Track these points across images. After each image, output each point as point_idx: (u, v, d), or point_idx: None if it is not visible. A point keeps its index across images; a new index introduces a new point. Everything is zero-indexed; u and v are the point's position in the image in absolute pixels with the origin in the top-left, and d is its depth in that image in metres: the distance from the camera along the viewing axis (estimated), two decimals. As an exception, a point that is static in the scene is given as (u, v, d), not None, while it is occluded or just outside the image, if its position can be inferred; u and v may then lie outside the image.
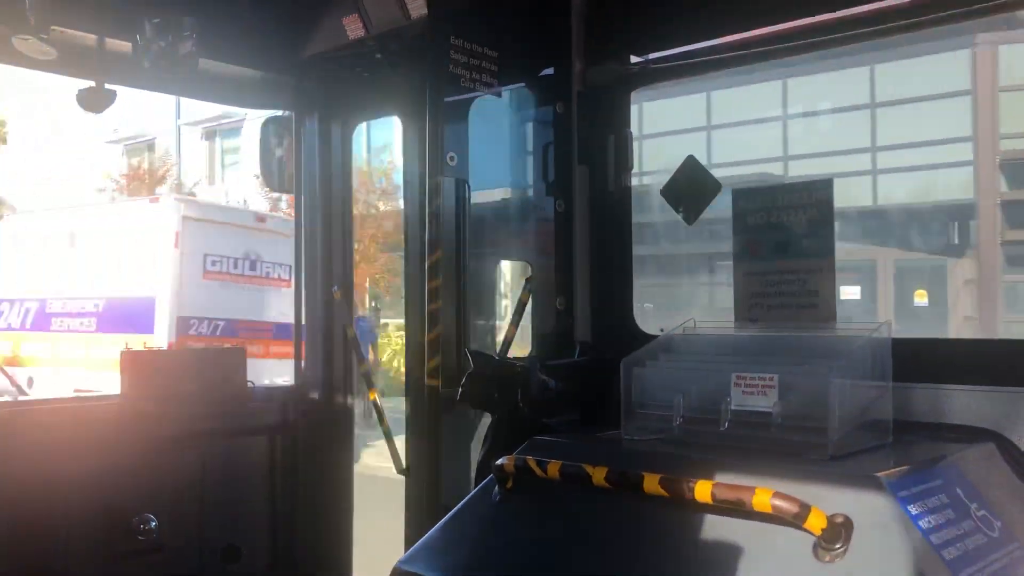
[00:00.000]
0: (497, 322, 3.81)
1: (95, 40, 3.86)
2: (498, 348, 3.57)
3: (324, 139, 4.56)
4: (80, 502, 3.85)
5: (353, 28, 3.89)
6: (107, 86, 4.02)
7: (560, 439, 2.59)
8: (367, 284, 25.48)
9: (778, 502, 1.84)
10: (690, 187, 3.18)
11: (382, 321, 24.24)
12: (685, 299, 23.18)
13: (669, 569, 2.01)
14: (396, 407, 4.87)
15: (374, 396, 4.38)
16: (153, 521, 4.01)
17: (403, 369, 4.77)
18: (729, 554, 1.94)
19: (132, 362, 4.27)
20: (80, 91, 4.05)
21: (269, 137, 4.73)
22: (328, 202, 4.60)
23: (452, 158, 2.98)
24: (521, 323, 3.58)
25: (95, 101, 4.06)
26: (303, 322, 4.63)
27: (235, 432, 4.46)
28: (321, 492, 4.62)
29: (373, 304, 25.94)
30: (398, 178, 23.57)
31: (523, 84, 3.44)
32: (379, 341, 21.78)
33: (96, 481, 3.91)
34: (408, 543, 3.58)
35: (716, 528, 1.98)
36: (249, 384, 4.59)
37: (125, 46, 3.84)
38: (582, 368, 3.20)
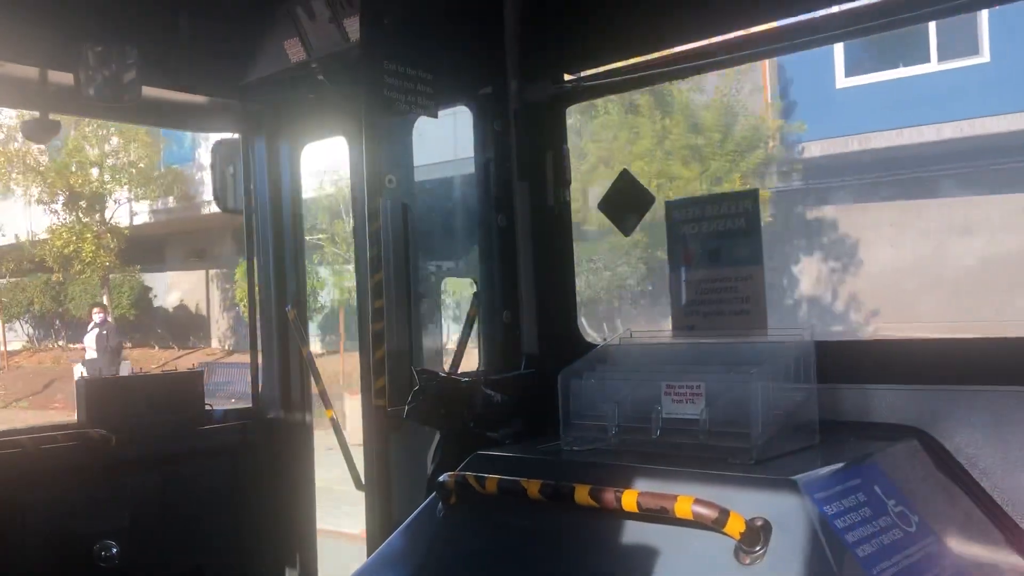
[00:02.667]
0: (444, 338, 3.87)
1: (37, 72, 3.88)
2: (448, 363, 3.63)
3: (273, 160, 4.60)
4: (39, 531, 3.86)
5: (295, 52, 3.94)
6: (51, 116, 4.05)
7: (502, 453, 2.65)
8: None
9: (698, 508, 1.91)
10: (626, 200, 3.27)
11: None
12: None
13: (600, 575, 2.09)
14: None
15: (331, 414, 4.42)
16: (115, 547, 4.02)
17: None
18: (656, 559, 2.02)
19: (90, 389, 4.28)
20: (24, 122, 4.07)
21: (219, 159, 4.76)
22: (279, 222, 4.64)
23: (391, 180, 3.04)
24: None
25: (40, 132, 4.08)
26: (258, 343, 4.66)
27: (195, 455, 4.47)
28: (284, 510, 4.65)
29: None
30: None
31: (462, 104, 3.51)
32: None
33: (55, 509, 3.92)
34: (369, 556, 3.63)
35: (644, 535, 2.05)
36: (207, 406, 4.61)
37: (68, 76, 3.86)
38: (526, 380, 3.27)
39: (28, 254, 29.97)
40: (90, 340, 22.61)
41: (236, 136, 4.72)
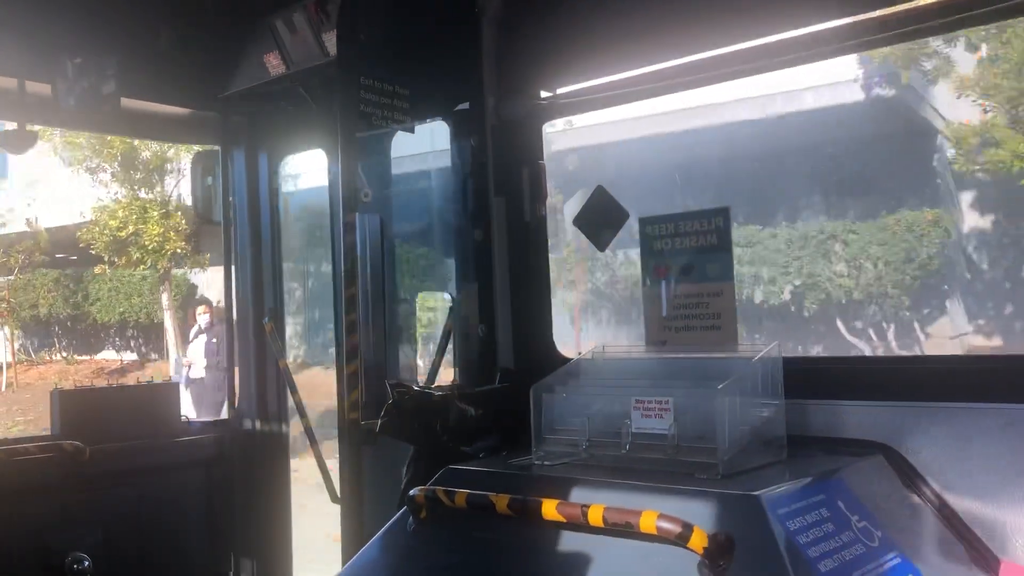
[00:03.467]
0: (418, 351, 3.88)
1: (15, 82, 3.87)
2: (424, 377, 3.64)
3: (252, 172, 4.61)
4: (11, 543, 3.83)
5: (274, 65, 3.96)
6: (29, 127, 4.05)
7: (473, 468, 2.67)
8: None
9: (662, 523, 1.93)
10: (600, 216, 3.29)
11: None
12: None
13: None
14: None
15: (307, 425, 4.42)
16: (87, 560, 3.99)
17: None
18: (622, 574, 2.04)
19: (64, 400, 4.27)
20: (2, 133, 4.06)
21: (198, 171, 4.77)
22: (257, 234, 4.64)
23: (367, 194, 3.06)
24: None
25: (17, 143, 4.08)
26: (235, 354, 4.66)
27: (171, 466, 4.46)
28: (260, 522, 4.64)
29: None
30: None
31: (439, 119, 3.53)
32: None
33: (28, 522, 3.89)
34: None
35: (610, 550, 2.07)
36: (183, 418, 4.60)
37: (46, 87, 3.86)
38: (501, 394, 3.28)
39: (45, 243, 24.27)
40: (196, 352, 16.53)
41: (215, 148, 4.73)
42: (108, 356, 27.79)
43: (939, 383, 2.54)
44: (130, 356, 27.40)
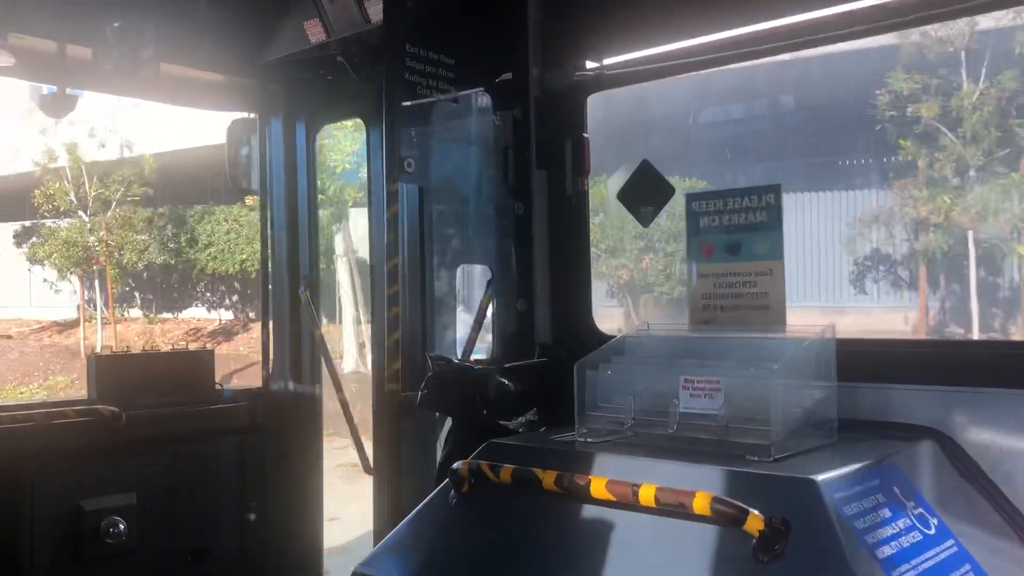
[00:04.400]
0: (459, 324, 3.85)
1: (56, 46, 3.86)
2: (461, 350, 3.61)
3: (289, 141, 4.58)
4: (48, 507, 3.87)
5: (315, 32, 3.92)
6: (69, 91, 4.03)
7: (515, 443, 2.64)
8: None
9: (717, 506, 1.89)
10: (645, 191, 3.24)
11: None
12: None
13: (615, 570, 2.07)
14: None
15: (342, 398, 4.41)
16: (122, 524, 4.03)
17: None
18: (673, 555, 2.00)
19: (101, 365, 4.29)
20: (42, 96, 4.06)
21: (235, 138, 4.75)
22: (294, 203, 4.62)
23: (409, 164, 3.01)
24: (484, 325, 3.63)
25: (58, 106, 4.07)
26: (270, 323, 4.66)
27: (204, 434, 4.48)
28: (290, 492, 4.66)
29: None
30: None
31: (482, 89, 3.48)
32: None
33: (65, 485, 3.93)
34: (376, 543, 3.62)
35: (660, 530, 2.04)
36: (217, 386, 4.61)
37: (86, 51, 3.84)
38: (541, 370, 3.25)
39: (149, 171, 21.08)
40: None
41: (251, 116, 4.71)
42: (197, 314, 23.68)
43: (995, 368, 2.47)
44: (225, 315, 23.03)
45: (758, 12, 2.91)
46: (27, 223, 24.73)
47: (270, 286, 4.66)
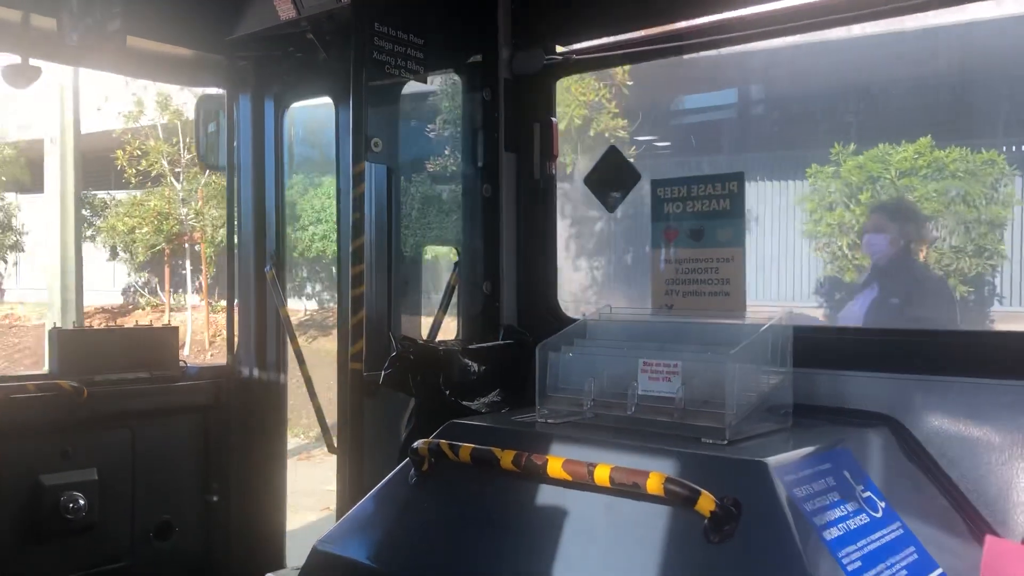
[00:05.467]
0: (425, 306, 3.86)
1: (20, 15, 3.80)
2: (427, 331, 3.62)
3: (257, 118, 4.55)
4: (6, 481, 3.84)
5: (284, 8, 3.88)
6: (32, 62, 3.97)
7: (476, 423, 2.66)
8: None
9: (670, 486, 1.93)
10: (611, 176, 3.26)
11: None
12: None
13: (571, 548, 2.10)
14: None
15: (306, 375, 4.41)
16: (82, 499, 4.01)
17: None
18: (627, 534, 2.04)
19: (63, 340, 4.25)
20: (5, 67, 3.99)
21: (203, 114, 4.71)
22: (261, 180, 4.59)
23: (376, 143, 3.01)
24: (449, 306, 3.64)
25: (20, 77, 4.01)
26: (235, 300, 4.64)
27: (168, 410, 4.46)
28: (254, 469, 4.65)
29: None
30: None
31: (451, 71, 3.48)
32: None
33: (22, 460, 3.90)
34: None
35: (615, 510, 2.07)
36: (181, 363, 4.59)
37: (51, 22, 3.78)
38: (505, 351, 3.27)
39: None
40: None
41: (220, 92, 4.66)
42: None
43: (948, 357, 2.53)
44: (309, 304, 18.88)
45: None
46: (96, 192, 20.27)
47: (236, 264, 4.63)
